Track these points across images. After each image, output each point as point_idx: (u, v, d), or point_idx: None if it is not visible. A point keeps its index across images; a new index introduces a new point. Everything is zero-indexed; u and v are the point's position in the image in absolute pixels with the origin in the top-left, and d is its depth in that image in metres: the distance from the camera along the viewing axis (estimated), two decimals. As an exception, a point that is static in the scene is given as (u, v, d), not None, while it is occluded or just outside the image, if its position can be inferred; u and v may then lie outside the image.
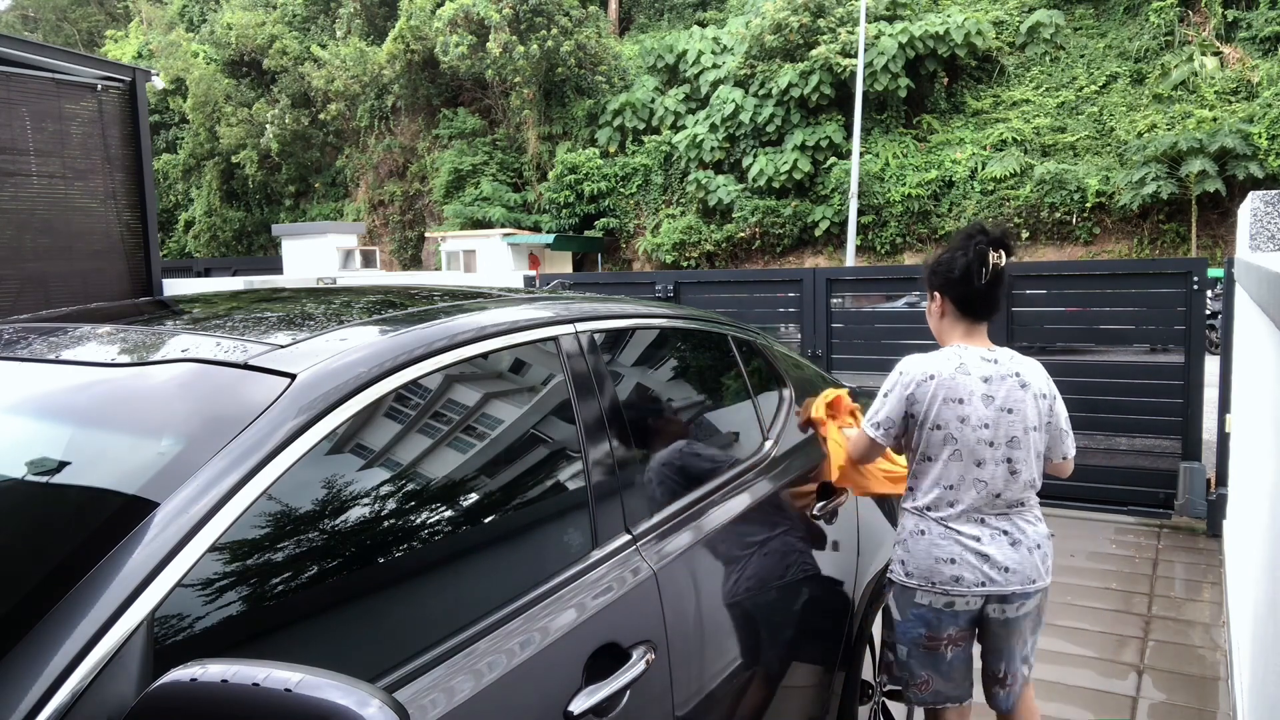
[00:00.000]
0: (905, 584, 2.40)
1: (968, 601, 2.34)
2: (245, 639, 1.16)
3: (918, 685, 2.43)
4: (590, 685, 1.51)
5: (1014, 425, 2.32)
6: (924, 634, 2.38)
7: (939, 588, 2.33)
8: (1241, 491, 3.92)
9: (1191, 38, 19.08)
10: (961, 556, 2.32)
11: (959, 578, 2.32)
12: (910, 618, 2.40)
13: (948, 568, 2.32)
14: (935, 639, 2.37)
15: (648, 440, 2.02)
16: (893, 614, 2.47)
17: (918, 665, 2.41)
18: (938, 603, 2.35)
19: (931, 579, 2.34)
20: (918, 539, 2.38)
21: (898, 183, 19.90)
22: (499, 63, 23.30)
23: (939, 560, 2.33)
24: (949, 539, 2.33)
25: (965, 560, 2.32)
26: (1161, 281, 5.89)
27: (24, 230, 9.14)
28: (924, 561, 2.36)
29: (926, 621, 2.37)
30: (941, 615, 2.36)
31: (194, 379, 1.37)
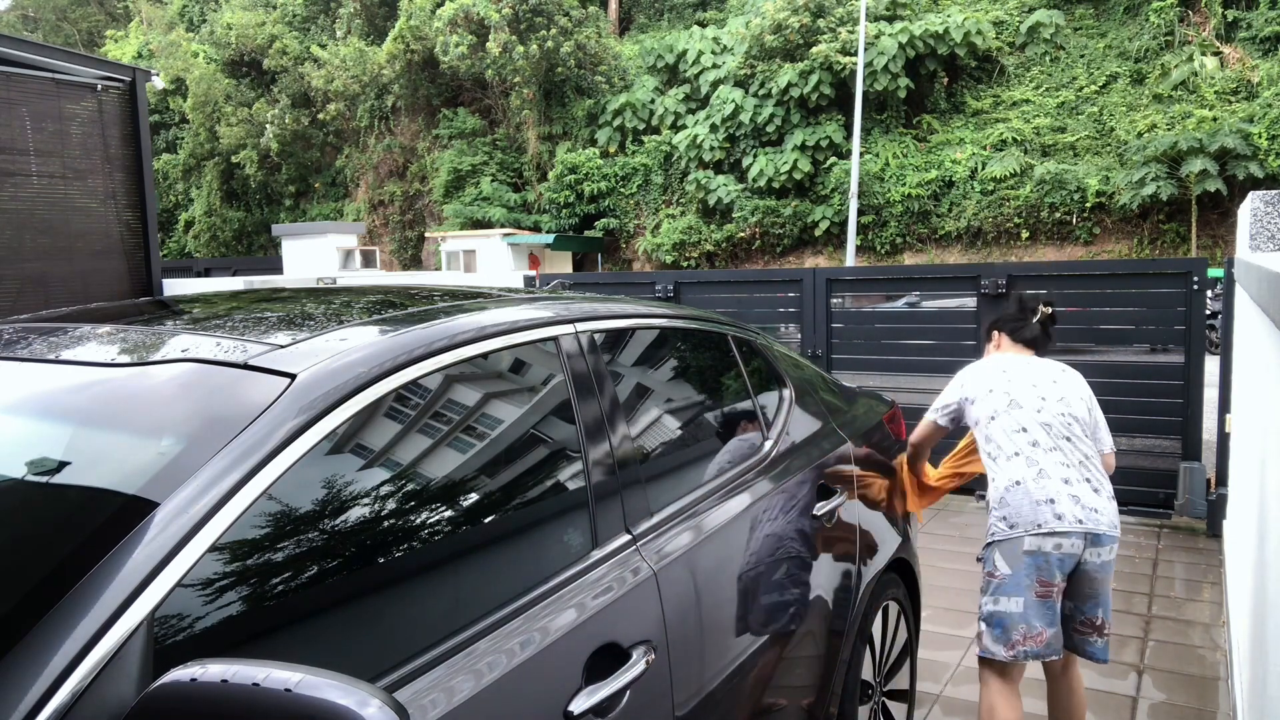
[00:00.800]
0: (1010, 536, 2.68)
1: (1073, 543, 2.63)
2: (245, 639, 1.16)
3: (1034, 638, 2.63)
4: (590, 685, 1.51)
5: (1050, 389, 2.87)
6: (1037, 580, 2.63)
7: (1045, 528, 2.62)
8: (1241, 491, 3.92)
9: (1191, 38, 19.08)
10: (1059, 494, 2.67)
11: (1060, 515, 2.63)
12: (1024, 566, 2.64)
13: (1048, 507, 2.65)
14: (1047, 585, 2.63)
15: (648, 440, 2.02)
16: (999, 571, 2.69)
17: (1035, 617, 2.63)
18: (1046, 545, 2.63)
19: (1036, 520, 2.64)
20: (1014, 489, 2.72)
21: (898, 183, 19.90)
22: (499, 63, 23.30)
23: (1038, 502, 2.66)
24: (1044, 479, 2.69)
25: (1062, 497, 2.66)
26: (1161, 281, 5.90)
27: (24, 230, 9.14)
28: (1025, 507, 2.68)
29: (1039, 567, 2.63)
30: (1050, 559, 2.63)
31: (194, 379, 1.37)
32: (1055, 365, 3.00)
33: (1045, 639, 2.64)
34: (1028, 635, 2.63)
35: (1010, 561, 2.68)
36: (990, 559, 2.76)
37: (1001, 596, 2.68)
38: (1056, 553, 2.64)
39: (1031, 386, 2.88)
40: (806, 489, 2.48)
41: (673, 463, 2.13)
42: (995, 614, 2.70)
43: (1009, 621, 2.66)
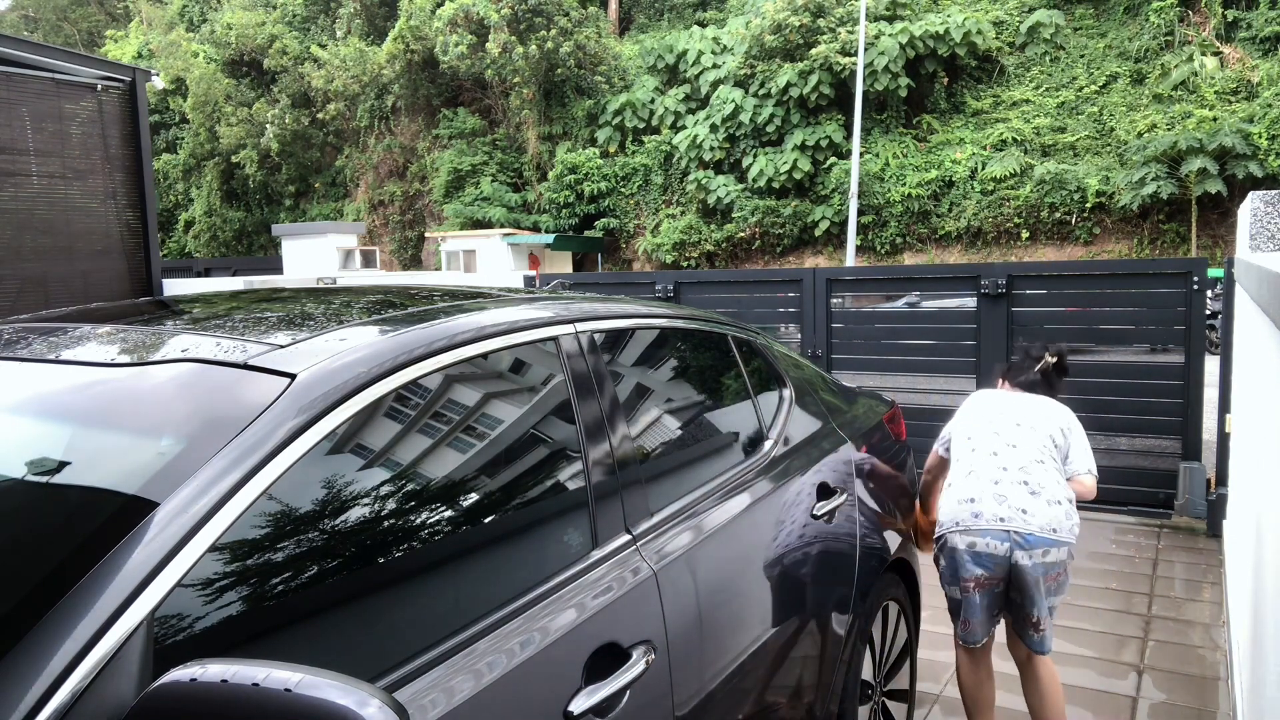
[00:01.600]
0: (941, 532, 2.90)
1: (988, 542, 2.78)
2: (245, 639, 1.16)
3: (963, 624, 2.89)
4: (590, 685, 1.51)
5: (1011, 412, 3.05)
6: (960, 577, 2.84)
7: (961, 525, 2.81)
8: (1241, 491, 3.92)
9: (1191, 38, 19.07)
10: (981, 494, 2.83)
11: (978, 513, 2.80)
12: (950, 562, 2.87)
13: (968, 506, 2.82)
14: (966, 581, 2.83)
15: (648, 440, 2.02)
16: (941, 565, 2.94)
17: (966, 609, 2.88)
18: (961, 542, 2.82)
19: (956, 518, 2.83)
20: (948, 491, 2.94)
21: (898, 183, 19.89)
22: (499, 63, 23.29)
23: (960, 501, 2.85)
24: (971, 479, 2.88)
25: (985, 497, 2.82)
26: (1161, 281, 5.89)
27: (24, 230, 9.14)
28: (950, 506, 2.88)
29: (958, 564, 2.84)
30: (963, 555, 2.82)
31: (194, 379, 1.37)
32: (1046, 400, 3.14)
33: (970, 627, 2.90)
34: (966, 625, 2.93)
35: (944, 556, 2.93)
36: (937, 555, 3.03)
37: (945, 587, 2.97)
38: (970, 550, 2.82)
39: (1006, 411, 3.09)
40: (806, 489, 2.48)
41: (673, 463, 2.13)
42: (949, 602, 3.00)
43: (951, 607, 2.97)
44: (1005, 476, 2.87)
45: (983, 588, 2.84)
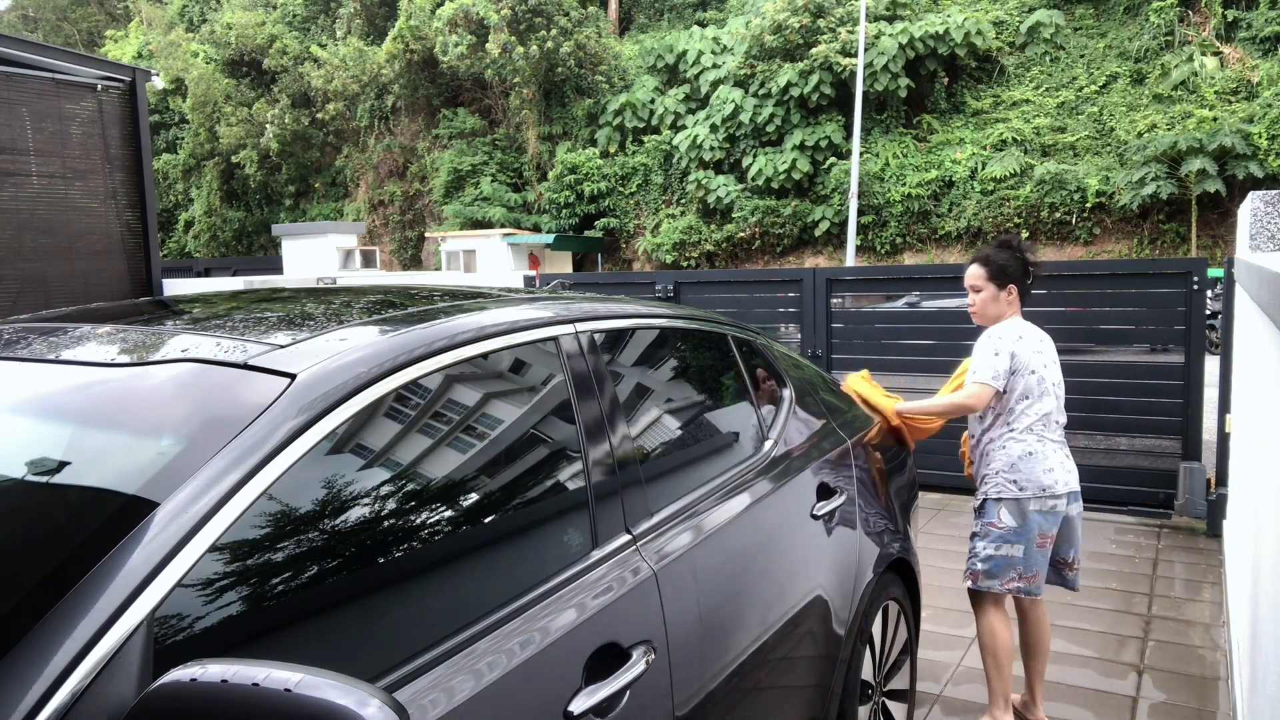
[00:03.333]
0: (1019, 496, 3.10)
1: (1065, 502, 3.11)
2: (245, 639, 1.16)
3: (1029, 578, 3.11)
4: (590, 685, 1.51)
5: (1057, 370, 3.24)
6: (1038, 534, 3.09)
7: (1048, 491, 3.08)
8: (1241, 491, 3.92)
9: (1191, 38, 19.07)
10: (1058, 465, 3.12)
11: (1057, 480, 3.09)
12: (1030, 521, 3.09)
13: (1050, 475, 3.09)
14: (1045, 537, 3.11)
15: (648, 440, 2.02)
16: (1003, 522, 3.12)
17: (1035, 562, 3.11)
18: (1046, 506, 3.09)
19: (1043, 485, 3.08)
20: (1027, 459, 3.11)
21: (898, 183, 19.89)
22: (499, 63, 23.29)
23: (1045, 470, 3.10)
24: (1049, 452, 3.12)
25: (1059, 467, 3.12)
26: (1161, 281, 5.89)
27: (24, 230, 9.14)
28: (1035, 475, 3.09)
29: (1041, 524, 3.09)
30: (1050, 518, 3.11)
31: (194, 379, 1.37)
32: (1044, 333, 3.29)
33: (1039, 580, 3.15)
34: (1023, 575, 3.12)
35: (1015, 517, 3.11)
36: (993, 511, 3.16)
37: (1004, 544, 3.12)
38: (1054, 513, 3.11)
39: (1052, 362, 3.22)
40: (806, 489, 2.48)
41: (673, 463, 2.13)
42: (994, 557, 3.14)
43: (1006, 564, 3.12)
44: (1063, 445, 3.19)
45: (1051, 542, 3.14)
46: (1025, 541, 3.09)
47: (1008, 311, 3.27)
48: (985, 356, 3.16)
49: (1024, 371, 3.13)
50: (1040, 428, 3.14)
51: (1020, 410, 3.15)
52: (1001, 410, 3.19)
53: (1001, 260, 3.25)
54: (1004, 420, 3.18)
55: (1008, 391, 3.16)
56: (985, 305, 3.29)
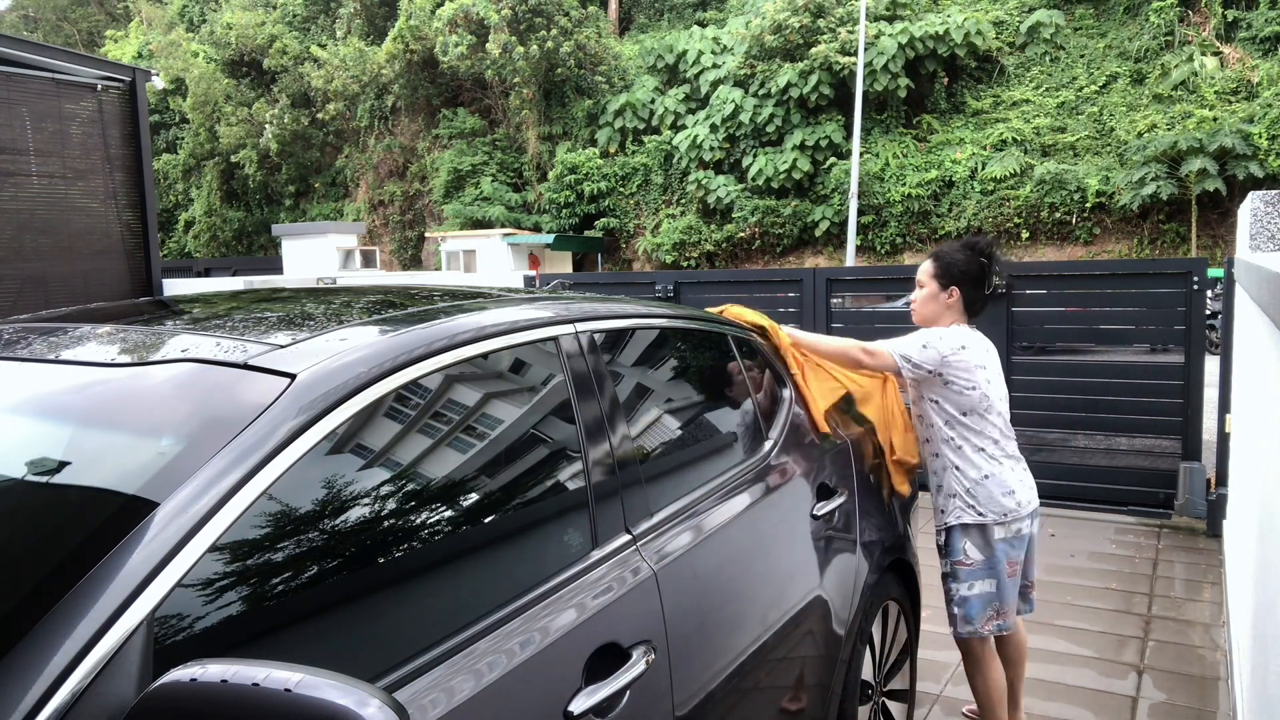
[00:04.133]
0: (980, 523, 2.86)
1: (1029, 524, 2.89)
2: (245, 639, 1.16)
3: (1004, 614, 2.89)
4: (590, 685, 1.51)
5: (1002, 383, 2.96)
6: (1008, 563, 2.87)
7: (1009, 516, 2.84)
8: (1241, 491, 3.92)
9: (1191, 38, 19.07)
10: (1019, 484, 2.88)
11: (1019, 503, 2.86)
12: (997, 551, 2.86)
13: (1011, 498, 2.86)
14: (1014, 565, 2.89)
15: (648, 440, 2.02)
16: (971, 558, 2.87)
17: (1007, 595, 2.89)
18: (1010, 532, 2.86)
19: (1005, 509, 2.84)
20: (985, 483, 2.86)
21: (898, 183, 19.89)
22: (499, 63, 23.29)
23: (1006, 493, 2.86)
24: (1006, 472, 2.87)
25: (1020, 487, 2.88)
26: (1161, 281, 5.89)
27: (24, 230, 9.14)
28: (995, 498, 2.85)
29: (1008, 551, 2.87)
30: (1016, 543, 2.88)
31: (194, 379, 1.37)
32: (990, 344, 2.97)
33: (1012, 613, 2.94)
34: (1000, 611, 2.90)
35: (981, 549, 2.88)
36: (958, 546, 2.91)
37: (975, 582, 2.89)
38: (1019, 537, 2.89)
39: (997, 374, 2.93)
40: (806, 489, 2.48)
41: (673, 463, 2.13)
42: (969, 599, 2.90)
43: (983, 602, 2.89)
44: (1020, 461, 2.95)
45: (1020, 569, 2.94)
46: (997, 575, 2.86)
47: (946, 315, 2.94)
48: (913, 341, 2.88)
49: (962, 387, 2.82)
50: (992, 447, 2.86)
51: (965, 430, 2.87)
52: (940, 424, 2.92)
53: (952, 258, 2.95)
54: (950, 441, 2.90)
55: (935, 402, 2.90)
56: (923, 304, 2.98)
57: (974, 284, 2.93)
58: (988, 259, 2.95)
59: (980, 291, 2.95)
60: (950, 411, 2.88)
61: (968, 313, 2.96)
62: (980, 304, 2.97)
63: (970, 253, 2.96)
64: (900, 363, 2.85)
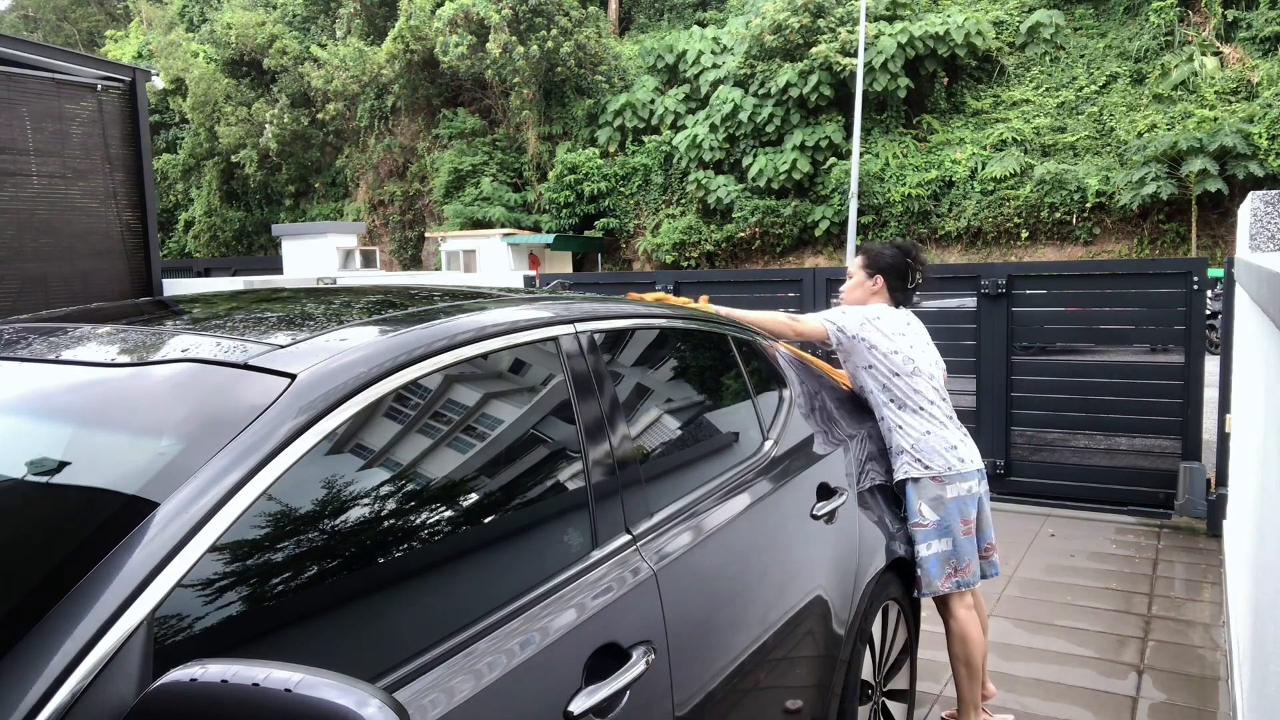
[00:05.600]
0: (925, 476, 3.00)
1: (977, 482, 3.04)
2: (245, 639, 1.16)
3: (964, 570, 3.02)
4: (590, 685, 1.51)
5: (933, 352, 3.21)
6: (961, 521, 3.00)
7: (954, 470, 2.99)
8: (1241, 491, 3.92)
9: (1191, 38, 19.07)
10: (960, 441, 3.06)
11: (962, 458, 3.02)
12: (949, 509, 2.99)
13: (953, 453, 3.02)
14: (968, 523, 3.02)
15: (648, 440, 2.02)
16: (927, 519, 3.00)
17: (965, 552, 3.02)
18: (962, 489, 3.00)
19: (949, 465, 2.99)
20: (927, 439, 3.03)
21: (898, 183, 19.89)
22: (499, 63, 23.29)
23: (948, 449, 3.02)
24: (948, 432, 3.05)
25: (962, 444, 3.06)
26: (1161, 281, 5.89)
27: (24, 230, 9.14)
28: (939, 454, 3.00)
29: (961, 509, 3.01)
30: (967, 501, 3.02)
31: (194, 379, 1.37)
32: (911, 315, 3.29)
33: (974, 568, 3.07)
34: (958, 568, 3.03)
35: (935, 508, 3.01)
36: (913, 507, 3.04)
37: (933, 540, 3.01)
38: (969, 495, 3.04)
39: (922, 343, 3.20)
40: (806, 489, 2.48)
41: (672, 463, 2.13)
42: (927, 557, 3.02)
43: (940, 560, 3.02)
44: (957, 423, 3.13)
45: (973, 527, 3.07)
46: (952, 534, 3.02)
47: (872, 300, 3.28)
48: (833, 311, 3.22)
49: (885, 350, 3.07)
50: (930, 407, 3.07)
51: (899, 389, 3.08)
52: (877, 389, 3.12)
53: (878, 252, 3.30)
54: (890, 404, 3.11)
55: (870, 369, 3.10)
56: (850, 290, 3.35)
57: (898, 275, 3.25)
58: (912, 259, 3.27)
59: (903, 284, 3.26)
60: (883, 375, 3.10)
61: (891, 301, 3.26)
62: (903, 295, 3.28)
63: (896, 250, 3.29)
64: (829, 327, 3.13)
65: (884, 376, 3.10)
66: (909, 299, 3.31)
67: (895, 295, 3.27)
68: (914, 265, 3.26)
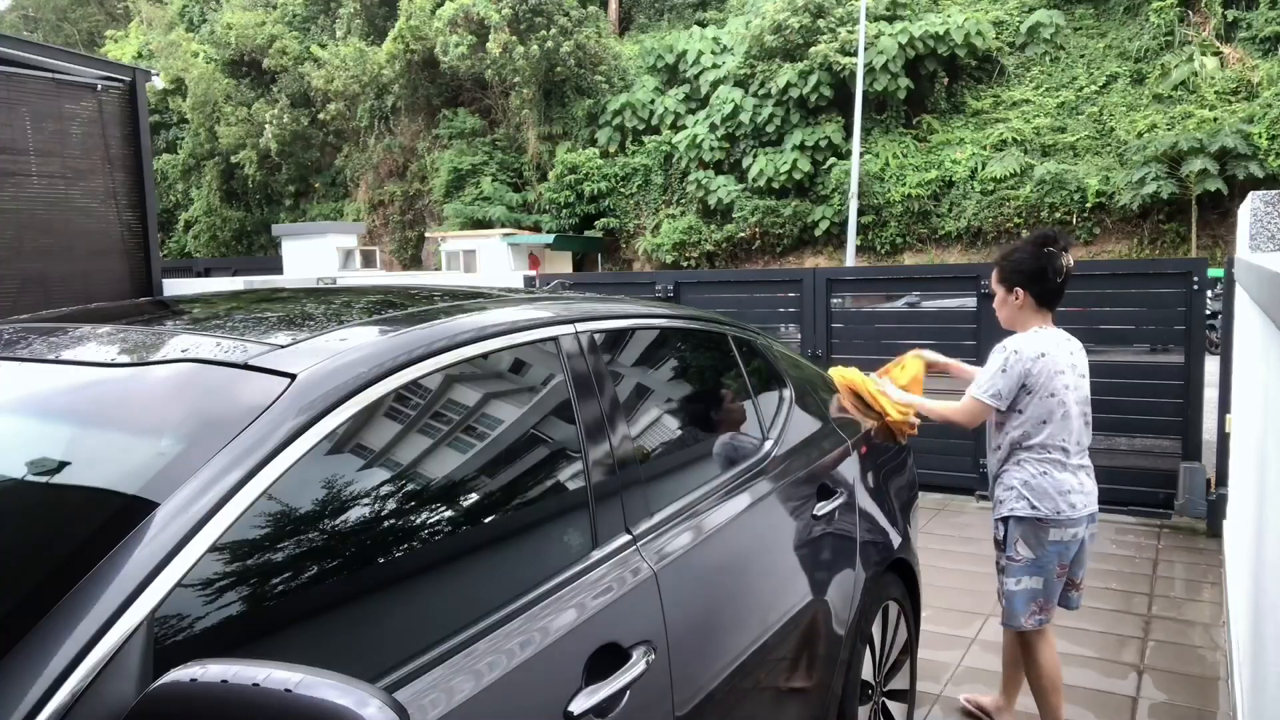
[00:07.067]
0: (1033, 517, 2.94)
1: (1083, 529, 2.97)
2: (245, 639, 1.16)
3: (1047, 609, 3.02)
4: (590, 685, 1.51)
5: (1085, 386, 3.04)
6: (1058, 564, 2.98)
7: (1063, 515, 2.92)
8: (1241, 491, 3.92)
9: (1191, 38, 19.07)
10: (1075, 487, 2.95)
11: (1074, 504, 2.93)
12: (1048, 552, 2.96)
13: (1065, 498, 2.93)
14: (1064, 567, 3.01)
15: (648, 440, 2.02)
16: (1021, 555, 2.98)
17: (1051, 593, 3.00)
18: (1065, 535, 2.95)
19: (1059, 509, 2.92)
20: (1041, 479, 2.95)
21: (898, 183, 19.89)
22: (499, 63, 23.29)
23: (1061, 493, 2.93)
24: (1066, 476, 2.94)
25: (1076, 490, 2.95)
26: (1161, 281, 5.89)
27: (24, 230, 9.15)
28: (1049, 497, 2.93)
29: (1059, 553, 2.97)
30: (1068, 546, 2.97)
31: (194, 379, 1.37)
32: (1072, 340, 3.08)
33: (1053, 608, 3.05)
34: (1044, 607, 3.02)
35: (1032, 547, 2.98)
36: (1011, 542, 3.01)
37: (1024, 577, 2.99)
38: (1072, 540, 2.98)
39: (1076, 377, 3.00)
40: (806, 489, 2.48)
41: (673, 463, 2.13)
42: (1016, 593, 3.01)
43: (1029, 597, 3.00)
44: (1083, 465, 3.00)
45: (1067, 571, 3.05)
46: (1046, 574, 2.97)
47: (1019, 317, 3.07)
48: (992, 371, 2.99)
49: (1040, 393, 2.93)
50: (1059, 452, 2.95)
51: (1038, 433, 2.96)
52: (1013, 428, 3.00)
53: (1009, 261, 3.07)
54: (1017, 440, 3.00)
55: (1019, 412, 2.97)
56: (997, 309, 3.16)
57: (1037, 279, 3.00)
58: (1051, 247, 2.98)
59: (1046, 283, 3.00)
60: (1026, 421, 2.97)
61: (1043, 307, 3.05)
62: (1054, 292, 3.03)
63: (1029, 247, 3.04)
64: (994, 404, 2.99)
65: (1028, 421, 2.97)
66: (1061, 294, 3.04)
67: (1044, 299, 3.02)
68: (1054, 254, 2.95)
